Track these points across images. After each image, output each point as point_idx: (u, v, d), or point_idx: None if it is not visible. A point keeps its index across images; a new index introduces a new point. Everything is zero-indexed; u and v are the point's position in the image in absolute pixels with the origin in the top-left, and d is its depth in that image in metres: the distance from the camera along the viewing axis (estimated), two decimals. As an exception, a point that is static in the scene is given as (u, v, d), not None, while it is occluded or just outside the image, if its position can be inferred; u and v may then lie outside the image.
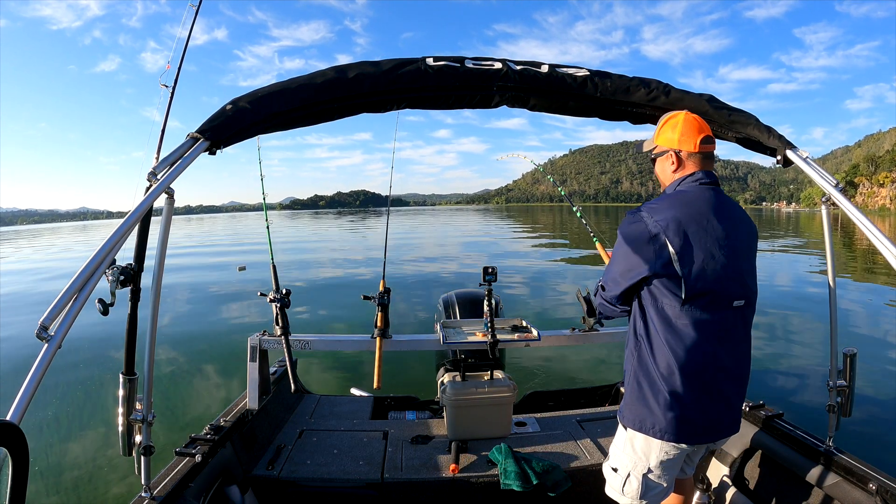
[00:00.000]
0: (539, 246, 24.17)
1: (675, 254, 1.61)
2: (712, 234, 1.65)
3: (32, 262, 25.79)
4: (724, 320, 1.67)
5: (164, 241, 1.75)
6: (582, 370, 6.33)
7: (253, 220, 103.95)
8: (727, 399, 1.73)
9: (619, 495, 1.87)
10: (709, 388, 1.68)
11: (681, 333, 1.64)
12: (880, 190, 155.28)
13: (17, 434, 0.97)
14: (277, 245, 3.22)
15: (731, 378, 1.72)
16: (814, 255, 19.45)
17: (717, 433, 1.77)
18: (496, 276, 2.99)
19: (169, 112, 2.35)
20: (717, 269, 1.63)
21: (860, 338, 7.64)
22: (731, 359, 1.71)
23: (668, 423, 1.67)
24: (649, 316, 1.70)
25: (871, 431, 4.47)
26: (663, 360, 1.66)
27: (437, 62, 2.05)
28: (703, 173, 1.76)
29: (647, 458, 1.77)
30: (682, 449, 1.74)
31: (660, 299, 1.67)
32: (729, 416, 1.76)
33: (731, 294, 1.67)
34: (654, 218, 1.67)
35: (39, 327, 1.13)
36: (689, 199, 1.71)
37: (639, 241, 1.67)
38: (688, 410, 1.67)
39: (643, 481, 1.79)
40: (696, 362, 1.65)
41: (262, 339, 2.88)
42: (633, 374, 1.77)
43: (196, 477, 2.20)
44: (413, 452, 2.84)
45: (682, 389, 1.65)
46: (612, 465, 1.90)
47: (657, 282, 1.66)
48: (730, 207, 1.75)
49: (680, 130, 1.80)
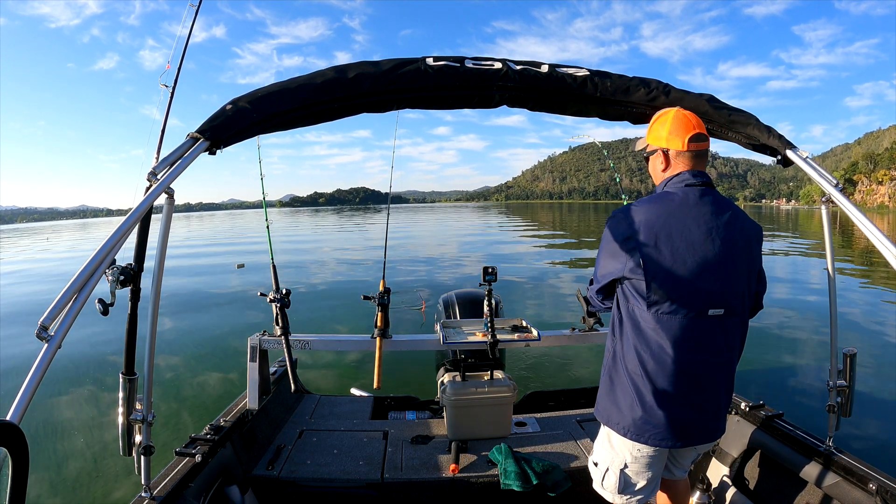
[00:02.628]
0: (540, 247, 24.17)
1: (642, 257, 1.60)
2: (686, 238, 1.60)
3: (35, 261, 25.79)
4: (695, 328, 1.62)
5: (165, 241, 1.75)
6: (582, 370, 6.33)
7: (251, 216, 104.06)
8: (698, 406, 1.68)
9: (600, 489, 1.90)
10: (676, 394, 1.64)
11: (647, 337, 1.64)
12: (879, 188, 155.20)
13: (17, 434, 0.97)
14: (277, 245, 3.22)
15: (703, 386, 1.67)
16: (813, 255, 19.44)
17: (688, 438, 1.71)
18: (496, 276, 2.99)
19: (169, 112, 2.35)
20: (685, 276, 1.59)
21: (860, 338, 7.64)
22: (704, 367, 1.65)
23: (633, 424, 1.68)
24: (623, 315, 1.71)
25: (871, 431, 4.47)
26: (632, 361, 1.67)
27: (437, 62, 2.05)
28: (690, 174, 1.70)
29: (623, 454, 1.78)
30: (656, 449, 1.73)
31: (630, 301, 1.67)
32: (702, 424, 1.71)
33: (702, 302, 1.61)
34: (632, 219, 1.66)
35: (39, 327, 1.13)
36: (669, 201, 1.67)
37: (615, 241, 1.68)
38: (653, 413, 1.65)
39: (621, 477, 1.80)
40: (664, 367, 1.62)
41: (262, 339, 2.88)
42: (607, 370, 1.78)
43: (196, 477, 2.20)
44: (413, 452, 2.84)
45: (647, 392, 1.64)
46: (593, 460, 1.93)
47: (627, 283, 1.66)
48: (719, 209, 1.66)
49: (669, 128, 1.74)
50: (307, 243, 24.93)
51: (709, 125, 2.15)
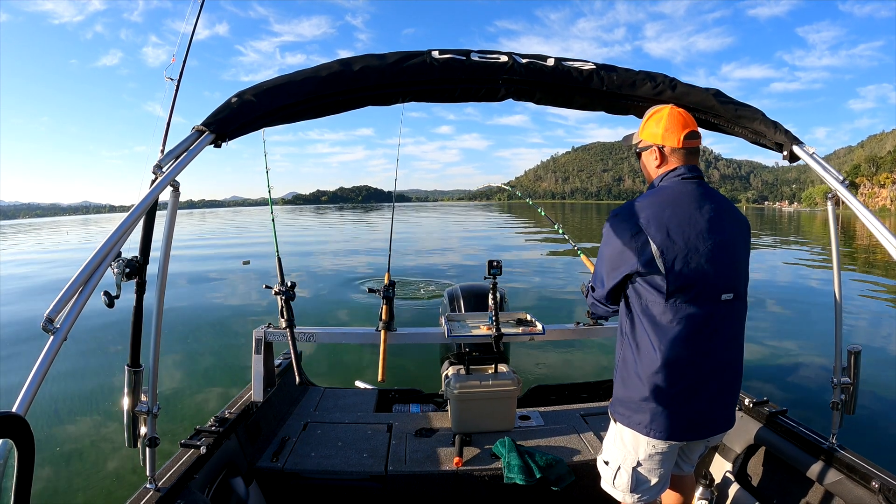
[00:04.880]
0: (545, 240, 24.14)
1: (657, 249, 1.61)
2: (695, 227, 1.65)
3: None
4: (712, 314, 1.66)
5: (170, 233, 1.76)
6: (586, 364, 6.34)
7: (253, 214, 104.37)
8: (718, 394, 1.72)
9: (611, 488, 1.88)
10: (697, 384, 1.67)
11: (666, 330, 1.64)
12: (881, 191, 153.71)
13: (23, 426, 0.97)
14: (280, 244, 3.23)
15: (722, 373, 1.71)
16: (817, 253, 19.34)
17: (708, 429, 1.76)
18: (501, 269, 2.99)
19: (174, 105, 2.35)
20: (701, 263, 1.62)
21: (864, 335, 7.61)
22: (722, 353, 1.70)
23: (654, 420, 1.68)
24: (635, 314, 1.70)
25: (874, 429, 4.46)
26: (649, 357, 1.66)
27: (443, 55, 2.04)
28: (685, 168, 1.75)
29: (636, 451, 1.77)
30: (671, 444, 1.74)
31: (644, 297, 1.67)
32: (721, 412, 1.76)
33: (717, 287, 1.65)
34: (636, 214, 1.67)
35: (45, 319, 1.14)
36: (671, 194, 1.71)
37: (622, 239, 1.68)
38: (674, 407, 1.67)
39: (633, 475, 1.80)
40: (683, 358, 1.64)
41: (268, 331, 2.89)
42: (620, 370, 1.78)
43: (201, 469, 2.21)
44: (417, 445, 2.85)
45: (667, 386, 1.65)
46: (604, 458, 1.92)
47: (640, 279, 1.66)
48: (715, 200, 1.73)
49: (664, 125, 1.78)
50: (311, 244, 25.00)
51: (715, 120, 2.14)
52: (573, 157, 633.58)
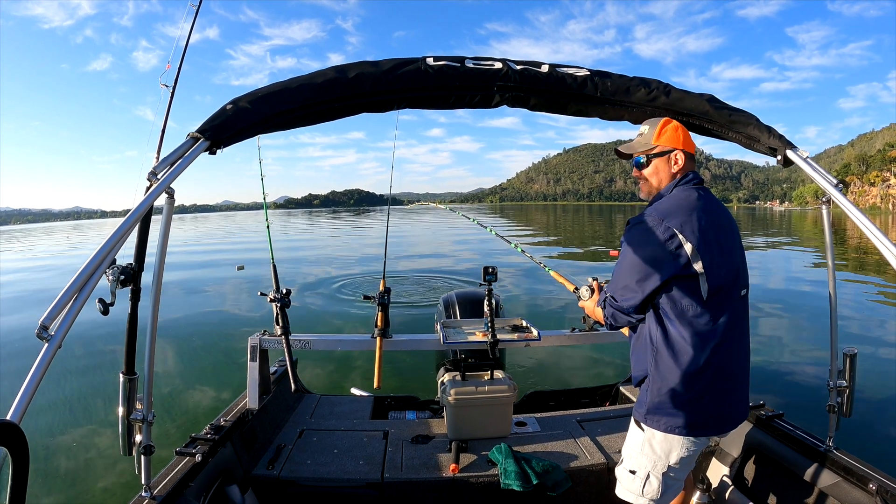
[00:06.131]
0: (540, 244, 24.18)
1: (694, 253, 1.63)
2: (718, 230, 1.72)
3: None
4: (735, 311, 1.73)
5: (165, 240, 1.75)
6: (582, 370, 6.33)
7: (245, 218, 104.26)
8: (740, 386, 1.80)
9: (637, 497, 1.84)
10: (728, 380, 1.74)
11: (704, 331, 1.67)
12: (871, 189, 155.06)
13: (18, 434, 0.96)
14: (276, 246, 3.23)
15: (742, 366, 1.80)
16: (810, 253, 19.45)
17: (737, 420, 1.83)
18: (496, 275, 2.99)
19: (169, 112, 2.35)
20: (725, 264, 1.70)
21: (860, 338, 7.64)
22: (741, 347, 1.78)
23: (696, 420, 1.72)
24: (669, 320, 1.69)
25: (871, 432, 4.47)
26: (690, 361, 1.66)
27: (438, 62, 2.05)
28: (693, 174, 1.85)
29: (668, 456, 1.77)
30: (700, 442, 1.79)
31: (679, 301, 1.67)
32: (742, 404, 1.83)
33: (738, 285, 1.75)
34: (666, 220, 1.68)
35: (39, 327, 1.13)
36: (692, 198, 1.76)
37: (653, 246, 1.67)
38: (715, 403, 1.72)
39: (663, 480, 1.80)
40: (723, 356, 1.69)
41: (263, 338, 2.87)
42: (654, 379, 1.74)
43: (196, 476, 2.20)
44: (413, 452, 2.84)
45: (711, 385, 1.69)
46: (629, 468, 1.87)
47: (676, 284, 1.66)
48: (720, 203, 1.85)
49: (683, 134, 1.86)
50: (306, 249, 24.94)
51: (709, 125, 2.16)
52: (564, 158, 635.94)
